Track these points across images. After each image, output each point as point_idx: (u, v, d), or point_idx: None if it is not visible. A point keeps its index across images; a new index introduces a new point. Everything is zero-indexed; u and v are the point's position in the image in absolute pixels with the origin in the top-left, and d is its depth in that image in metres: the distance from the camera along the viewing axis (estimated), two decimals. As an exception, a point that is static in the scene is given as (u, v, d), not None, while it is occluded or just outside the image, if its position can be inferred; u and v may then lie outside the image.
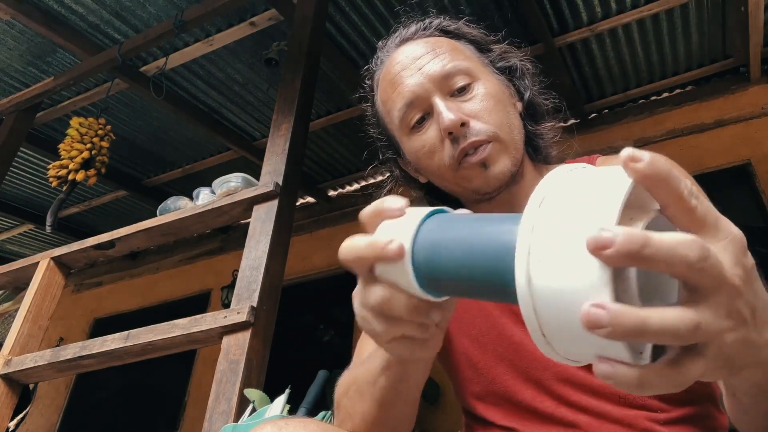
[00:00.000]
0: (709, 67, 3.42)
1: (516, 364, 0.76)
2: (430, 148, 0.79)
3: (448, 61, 0.79)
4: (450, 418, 3.24)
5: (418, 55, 0.81)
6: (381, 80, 0.86)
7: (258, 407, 1.43)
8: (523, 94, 0.86)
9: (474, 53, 0.85)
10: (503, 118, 0.78)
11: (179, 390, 4.47)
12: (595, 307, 0.30)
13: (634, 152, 0.32)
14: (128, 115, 3.78)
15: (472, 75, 0.79)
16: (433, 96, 0.78)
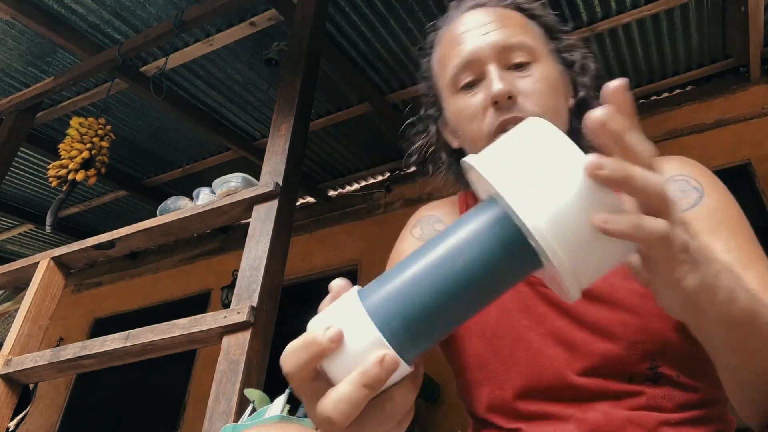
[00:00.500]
0: (709, 67, 3.42)
1: (530, 369, 0.75)
2: (473, 113, 0.79)
3: (513, 34, 0.79)
4: (450, 418, 3.24)
5: (486, 21, 0.81)
6: (444, 36, 0.86)
7: (258, 407, 1.43)
8: (578, 90, 0.85)
9: (541, 36, 0.84)
10: (552, 104, 0.78)
11: (179, 390, 4.47)
12: (597, 158, 0.38)
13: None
14: (128, 115, 3.78)
15: (534, 55, 0.79)
16: (489, 63, 0.78)
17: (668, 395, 0.71)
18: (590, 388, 0.72)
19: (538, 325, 0.76)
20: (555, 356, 0.74)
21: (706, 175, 0.79)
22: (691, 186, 0.77)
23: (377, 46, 3.19)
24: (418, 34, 3.10)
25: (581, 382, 0.72)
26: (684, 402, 0.71)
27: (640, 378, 0.71)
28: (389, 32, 3.10)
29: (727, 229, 0.71)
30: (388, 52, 3.23)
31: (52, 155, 3.47)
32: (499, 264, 0.40)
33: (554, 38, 0.86)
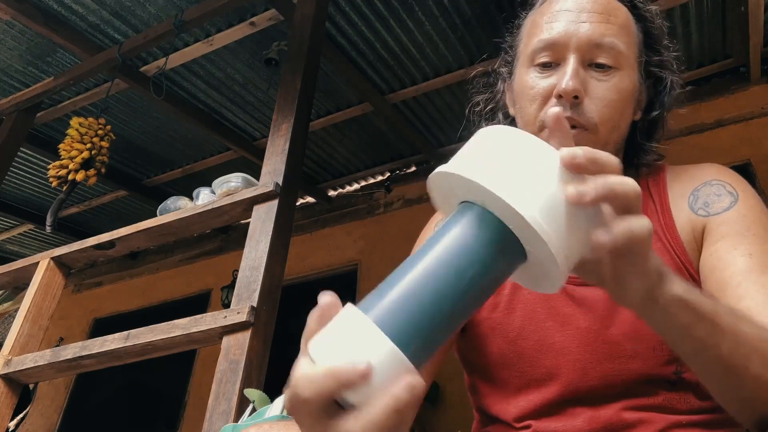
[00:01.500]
0: (709, 67, 3.42)
1: (552, 370, 0.75)
2: (536, 95, 0.78)
3: (610, 33, 0.77)
4: (450, 418, 3.24)
5: (590, 9, 0.78)
6: (547, 4, 0.83)
7: (258, 407, 1.43)
8: (653, 108, 0.84)
9: (638, 43, 0.81)
10: (614, 116, 0.76)
11: (179, 390, 4.47)
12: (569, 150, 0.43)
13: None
14: (128, 115, 3.78)
15: (620, 62, 0.77)
16: (573, 54, 0.76)
17: (684, 399, 0.71)
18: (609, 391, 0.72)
19: (563, 327, 0.76)
20: (579, 360, 0.74)
21: (742, 183, 0.80)
22: (727, 191, 0.78)
23: (377, 46, 3.19)
24: (418, 34, 3.10)
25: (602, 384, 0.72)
26: (698, 407, 0.71)
27: (661, 381, 0.72)
28: (389, 32, 3.10)
29: (754, 234, 0.72)
30: (388, 52, 3.23)
31: (52, 155, 3.47)
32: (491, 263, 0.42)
33: (652, 49, 0.83)
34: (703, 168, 0.83)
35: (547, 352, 0.76)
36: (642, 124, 0.84)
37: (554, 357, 0.75)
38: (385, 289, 0.40)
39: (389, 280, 0.41)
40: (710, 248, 0.74)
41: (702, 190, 0.80)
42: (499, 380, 0.80)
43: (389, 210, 4.26)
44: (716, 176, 0.81)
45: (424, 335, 0.38)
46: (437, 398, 3.29)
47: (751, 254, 0.70)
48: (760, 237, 0.72)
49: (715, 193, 0.78)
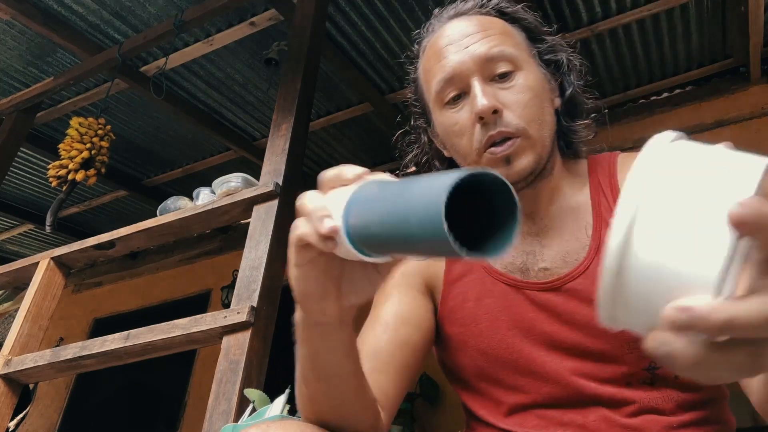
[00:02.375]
0: (709, 67, 3.42)
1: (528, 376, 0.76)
2: (461, 128, 0.79)
3: (495, 44, 0.78)
4: (450, 418, 3.24)
5: (467, 33, 0.80)
6: (427, 48, 0.85)
7: (258, 407, 1.43)
8: (565, 89, 0.85)
9: (524, 41, 0.84)
10: (536, 113, 0.78)
11: (179, 390, 4.47)
12: (679, 309, 0.29)
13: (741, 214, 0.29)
14: (128, 115, 3.78)
15: (516, 63, 0.79)
16: (473, 77, 0.77)
17: (667, 396, 0.71)
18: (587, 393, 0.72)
19: (529, 333, 0.76)
20: (549, 362, 0.74)
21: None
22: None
23: (377, 46, 3.19)
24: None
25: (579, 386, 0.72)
26: (684, 402, 0.70)
27: (638, 381, 0.71)
28: (389, 32, 3.10)
29: None
30: (388, 52, 3.23)
31: (52, 155, 3.47)
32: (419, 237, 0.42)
33: (537, 41, 0.85)
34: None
35: (517, 358, 0.76)
36: (562, 108, 0.85)
37: (525, 362, 0.76)
38: (376, 189, 0.46)
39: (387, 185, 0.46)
40: None
41: None
42: (479, 390, 0.81)
43: (389, 210, 4.26)
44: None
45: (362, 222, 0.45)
46: (437, 398, 3.29)
47: None
48: None
49: None
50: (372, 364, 0.75)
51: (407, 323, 0.81)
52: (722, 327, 0.28)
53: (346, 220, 0.46)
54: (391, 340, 0.79)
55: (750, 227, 0.28)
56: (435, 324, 0.85)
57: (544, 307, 0.76)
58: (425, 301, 0.85)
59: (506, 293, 0.80)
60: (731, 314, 0.28)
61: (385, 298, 0.84)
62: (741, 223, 0.28)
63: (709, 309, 0.28)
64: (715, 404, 0.74)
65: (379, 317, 0.82)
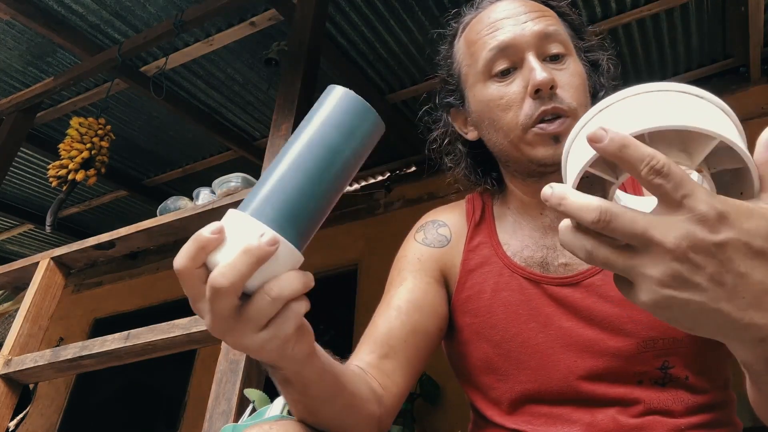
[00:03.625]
0: (709, 67, 3.42)
1: (538, 372, 0.75)
2: (509, 102, 0.77)
3: (552, 23, 0.79)
4: (450, 418, 3.24)
5: (524, 11, 0.80)
6: (475, 22, 0.84)
7: (258, 407, 1.43)
8: (597, 91, 0.85)
9: (570, 34, 0.84)
10: (585, 100, 0.78)
11: (179, 390, 4.47)
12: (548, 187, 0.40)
13: (594, 133, 0.38)
14: (128, 115, 3.78)
15: (569, 48, 0.79)
16: (528, 51, 0.77)
17: (677, 398, 0.70)
18: (598, 393, 0.71)
19: (546, 328, 0.76)
20: (563, 359, 0.73)
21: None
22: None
23: (377, 46, 3.19)
24: (418, 34, 3.10)
25: (589, 386, 0.72)
26: (693, 405, 0.70)
27: (650, 381, 0.71)
28: (389, 32, 3.10)
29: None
30: (388, 52, 3.23)
31: (52, 155, 3.47)
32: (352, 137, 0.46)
33: (580, 37, 0.86)
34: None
35: (532, 353, 0.75)
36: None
37: (539, 358, 0.75)
38: (255, 184, 0.45)
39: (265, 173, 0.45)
40: None
41: None
42: (488, 385, 0.80)
43: (389, 210, 4.26)
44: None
45: (281, 206, 0.43)
46: (437, 398, 3.29)
47: None
48: None
49: None
50: (383, 351, 0.74)
51: (421, 309, 0.80)
52: (558, 201, 0.39)
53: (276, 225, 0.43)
54: (403, 326, 0.77)
55: (599, 147, 0.38)
56: (448, 313, 0.84)
57: (563, 303, 0.76)
58: (439, 289, 0.84)
59: (524, 287, 0.79)
60: (564, 193, 0.39)
61: (400, 282, 0.83)
62: (590, 139, 0.38)
63: (558, 188, 0.39)
64: (723, 408, 0.73)
65: (392, 302, 0.80)
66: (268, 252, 0.42)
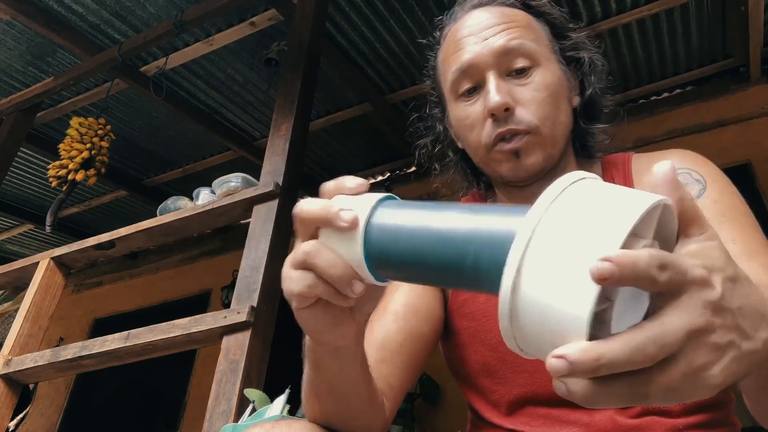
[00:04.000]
0: (709, 67, 3.42)
1: (535, 375, 0.75)
2: (473, 122, 0.79)
3: (515, 37, 0.77)
4: (450, 418, 3.24)
5: (488, 25, 0.79)
6: (448, 37, 0.84)
7: (258, 407, 1.43)
8: (585, 89, 0.85)
9: (546, 36, 0.83)
10: (550, 112, 0.77)
11: (179, 390, 4.47)
12: (556, 357, 0.31)
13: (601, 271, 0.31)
14: (128, 115, 3.78)
15: (535, 59, 0.78)
16: (489, 70, 0.77)
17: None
18: None
19: None
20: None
21: (708, 167, 0.79)
22: (693, 179, 0.77)
23: (377, 46, 3.19)
24: (418, 34, 3.10)
25: None
26: (691, 405, 0.70)
27: None
28: (389, 32, 3.10)
29: (731, 220, 0.71)
30: (388, 52, 3.23)
31: (52, 155, 3.47)
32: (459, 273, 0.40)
33: (560, 37, 0.85)
34: (666, 156, 0.82)
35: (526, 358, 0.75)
36: (581, 108, 0.84)
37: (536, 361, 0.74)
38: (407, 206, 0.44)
39: (418, 209, 0.43)
40: None
41: None
42: (485, 387, 0.80)
43: (389, 210, 4.26)
44: (680, 164, 0.79)
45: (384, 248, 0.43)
46: (437, 398, 3.29)
47: (734, 240, 0.68)
48: (737, 221, 0.71)
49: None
50: (380, 355, 0.75)
51: (417, 314, 0.80)
52: (593, 367, 0.31)
53: (366, 226, 0.43)
54: (400, 331, 0.78)
55: (610, 281, 0.30)
56: (444, 316, 0.84)
57: None
58: (436, 292, 0.84)
59: None
60: (598, 354, 0.31)
61: (396, 287, 0.83)
62: (600, 278, 0.30)
63: (580, 352, 0.31)
64: (722, 407, 0.73)
65: (388, 307, 0.81)
66: (337, 218, 0.43)
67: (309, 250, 0.44)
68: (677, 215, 0.36)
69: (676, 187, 0.35)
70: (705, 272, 0.34)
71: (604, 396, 0.32)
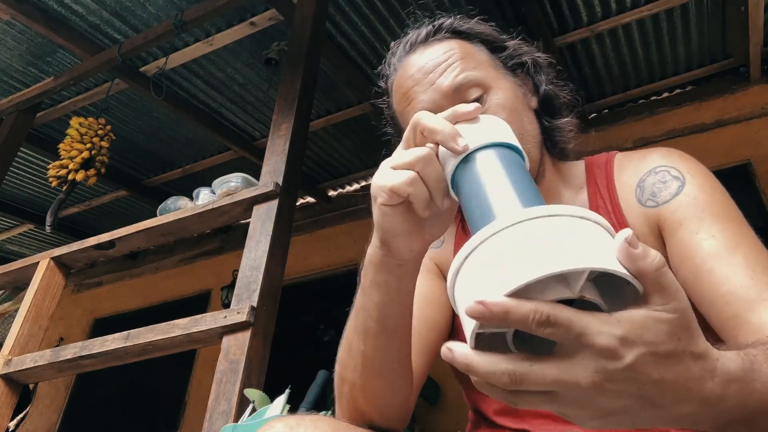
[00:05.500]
0: (709, 67, 3.42)
1: None
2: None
3: (459, 71, 0.78)
4: (450, 418, 3.24)
5: (429, 69, 0.79)
6: (395, 90, 0.85)
7: (258, 407, 1.43)
8: (538, 88, 0.85)
9: (486, 55, 0.83)
10: (516, 125, 0.76)
11: (179, 390, 4.47)
12: (447, 349, 0.40)
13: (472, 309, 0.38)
14: (128, 115, 3.78)
15: (484, 85, 0.78)
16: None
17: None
18: None
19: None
20: None
21: (688, 162, 0.78)
22: (672, 176, 0.77)
23: (377, 46, 3.19)
24: (418, 34, 3.10)
25: None
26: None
27: None
28: (389, 32, 3.10)
29: (711, 215, 0.71)
30: (388, 52, 3.22)
31: (52, 155, 3.47)
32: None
33: (498, 50, 0.85)
34: (647, 156, 0.82)
35: None
36: (540, 107, 0.85)
37: None
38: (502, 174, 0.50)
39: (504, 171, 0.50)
40: (672, 239, 0.73)
41: (647, 180, 0.78)
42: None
43: (389, 210, 4.26)
44: (660, 162, 0.79)
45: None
46: (437, 398, 3.29)
47: (714, 235, 0.68)
48: (718, 215, 0.71)
49: (660, 180, 0.77)
50: None
51: (431, 303, 0.82)
52: (463, 363, 0.39)
53: (457, 166, 0.50)
54: (417, 317, 0.78)
55: (482, 320, 0.38)
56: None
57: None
58: (442, 284, 0.86)
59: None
60: (468, 361, 0.39)
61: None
62: (473, 316, 0.38)
63: (461, 354, 0.39)
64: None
65: None
66: (453, 140, 0.50)
67: (422, 156, 0.50)
68: (642, 283, 0.38)
69: (634, 259, 0.38)
70: (614, 342, 0.37)
71: (491, 391, 0.40)
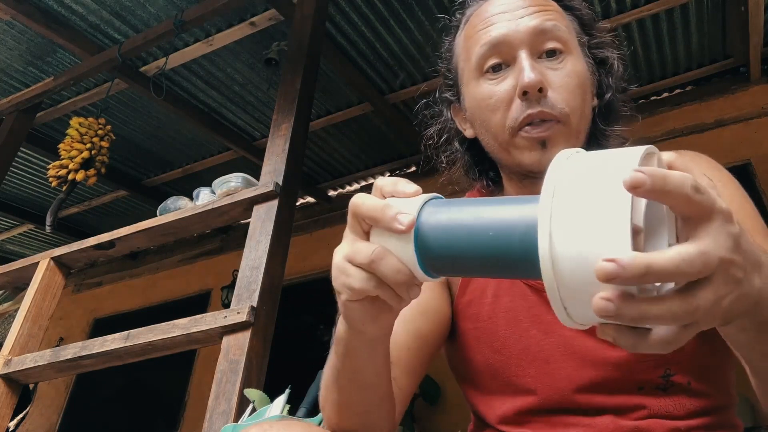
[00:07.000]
0: (709, 67, 3.42)
1: (538, 380, 0.74)
2: (497, 102, 0.73)
3: (550, 19, 0.74)
4: (450, 418, 3.24)
5: (523, 5, 0.75)
6: (474, 16, 0.80)
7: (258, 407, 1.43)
8: (604, 91, 0.81)
9: (575, 29, 0.79)
10: (580, 102, 0.73)
11: (179, 390, 4.47)
12: (607, 261, 0.33)
13: (634, 178, 0.33)
14: (128, 115, 3.78)
15: (567, 45, 0.74)
16: (521, 48, 0.73)
17: (679, 403, 0.69)
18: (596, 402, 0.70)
19: (547, 335, 0.74)
20: (563, 368, 0.72)
21: (718, 170, 0.77)
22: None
23: (377, 46, 3.19)
24: (418, 34, 3.10)
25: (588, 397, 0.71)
26: (694, 409, 0.69)
27: (651, 387, 0.69)
28: (389, 32, 3.10)
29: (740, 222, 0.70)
30: (388, 52, 3.23)
31: (52, 155, 3.47)
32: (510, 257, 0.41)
33: (588, 33, 0.81)
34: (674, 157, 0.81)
35: (532, 360, 0.74)
36: (598, 109, 0.81)
37: (539, 365, 0.73)
38: (450, 212, 0.45)
39: (459, 207, 0.45)
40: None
41: None
42: (488, 389, 0.79)
43: (389, 210, 4.26)
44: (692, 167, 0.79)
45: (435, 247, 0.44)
46: (437, 398, 3.29)
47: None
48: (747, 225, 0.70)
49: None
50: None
51: (425, 314, 0.79)
52: (641, 273, 0.32)
53: (417, 227, 0.44)
54: (407, 331, 0.76)
55: (642, 190, 0.33)
56: (451, 315, 0.83)
57: None
58: (443, 291, 0.82)
59: (526, 294, 0.77)
60: (648, 261, 0.32)
61: None
62: (633, 186, 0.33)
63: (630, 258, 0.32)
64: (725, 410, 0.72)
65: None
66: (396, 221, 0.44)
67: (374, 256, 0.45)
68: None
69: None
70: (728, 208, 0.36)
71: (656, 313, 0.34)
